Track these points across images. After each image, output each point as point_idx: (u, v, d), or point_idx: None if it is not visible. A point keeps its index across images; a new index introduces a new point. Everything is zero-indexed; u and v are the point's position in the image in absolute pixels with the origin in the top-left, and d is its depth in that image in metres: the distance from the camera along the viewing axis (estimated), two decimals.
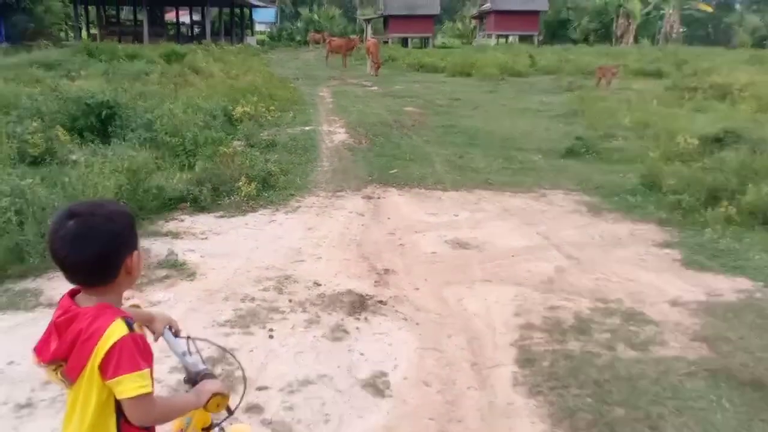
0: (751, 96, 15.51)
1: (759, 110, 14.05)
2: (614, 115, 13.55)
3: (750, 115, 13.50)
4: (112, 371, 1.60)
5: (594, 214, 7.30)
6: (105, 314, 1.64)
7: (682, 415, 3.35)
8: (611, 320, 4.53)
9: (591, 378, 3.73)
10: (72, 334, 1.63)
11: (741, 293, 5.00)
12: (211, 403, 1.82)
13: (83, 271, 1.67)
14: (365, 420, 3.32)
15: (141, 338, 1.68)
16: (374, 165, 9.58)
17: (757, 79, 18.34)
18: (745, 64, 24.89)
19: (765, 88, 16.42)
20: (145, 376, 1.63)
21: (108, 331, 1.61)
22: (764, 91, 16.08)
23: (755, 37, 47.44)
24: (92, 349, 1.60)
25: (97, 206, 1.72)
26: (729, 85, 16.85)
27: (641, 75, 23.81)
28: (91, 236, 1.64)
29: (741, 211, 6.56)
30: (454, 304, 4.84)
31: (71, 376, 1.66)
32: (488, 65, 26.14)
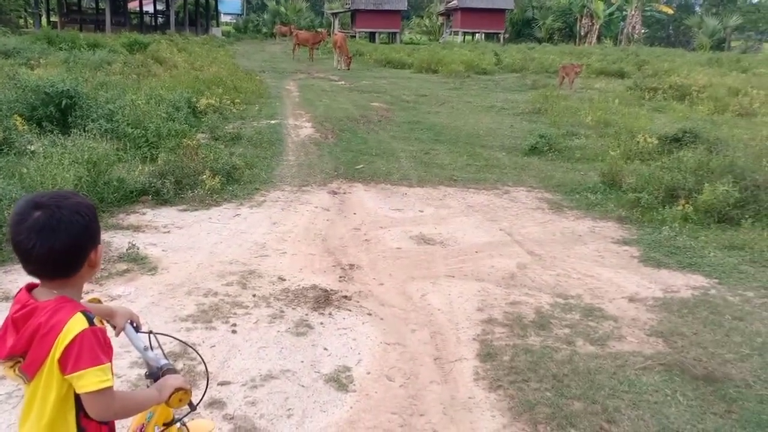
0: (708, 97, 15.92)
1: (716, 111, 14.45)
2: (576, 113, 13.76)
3: (707, 115, 13.87)
4: (72, 365, 1.57)
5: (555, 211, 7.41)
6: (65, 308, 1.62)
7: (638, 408, 3.43)
8: (571, 316, 4.62)
9: (550, 372, 3.80)
10: (30, 329, 1.60)
11: (696, 290, 5.14)
12: (173, 399, 1.81)
13: (49, 263, 1.64)
14: (328, 414, 3.33)
15: (101, 332, 1.66)
16: (340, 160, 9.57)
17: (715, 81, 18.85)
18: (704, 66, 25.53)
19: (722, 90, 16.89)
20: (106, 370, 1.61)
21: (68, 325, 1.58)
22: (721, 92, 16.54)
23: (714, 40, 48.54)
24: (52, 343, 1.58)
25: (63, 198, 1.68)
26: (688, 86, 17.26)
27: (603, 74, 24.21)
28: (60, 228, 1.61)
29: (697, 209, 6.73)
30: (418, 299, 4.88)
31: (29, 372, 1.63)
32: (454, 62, 26.27)
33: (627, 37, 49.93)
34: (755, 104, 15.00)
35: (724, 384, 3.68)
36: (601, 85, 20.49)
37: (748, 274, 5.43)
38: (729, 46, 51.09)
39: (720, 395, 3.57)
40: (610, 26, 54.11)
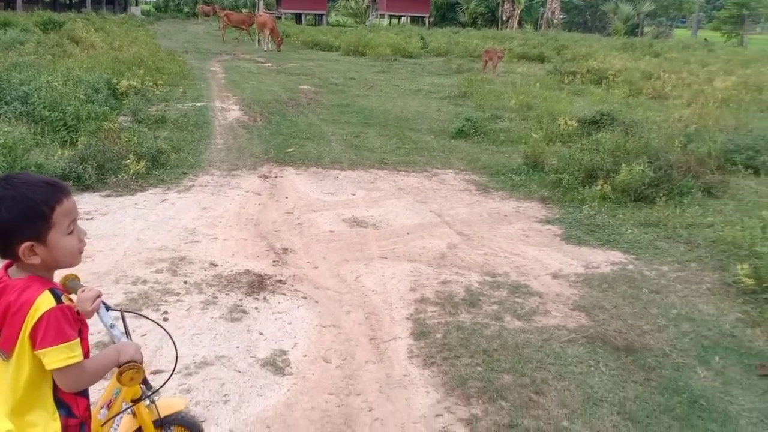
0: (623, 81, 16.54)
1: (631, 94, 15.04)
2: (500, 97, 14.03)
3: (623, 98, 14.42)
4: (40, 343, 1.62)
5: (482, 193, 7.57)
6: (32, 286, 1.66)
7: (563, 379, 3.58)
8: (499, 293, 4.75)
9: (481, 348, 3.90)
10: (2, 307, 1.65)
11: (615, 265, 5.37)
12: (124, 377, 1.82)
13: None
14: (265, 398, 3.32)
15: (69, 309, 1.69)
16: (270, 143, 9.43)
17: (630, 65, 19.59)
18: (619, 51, 26.45)
19: (636, 74, 17.57)
20: (74, 347, 1.66)
21: (36, 302, 1.63)
22: (636, 76, 17.20)
23: (628, 25, 50.32)
24: (22, 321, 1.62)
25: (15, 179, 1.69)
26: (604, 71, 17.87)
27: (525, 59, 24.74)
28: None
29: (615, 188, 7.01)
30: (352, 281, 4.90)
31: (6, 349, 1.67)
32: (381, 45, 26.24)
33: (547, 22, 51.16)
34: (667, 87, 15.70)
35: (643, 354, 3.88)
36: (523, 70, 20.95)
37: (663, 250, 5.72)
38: (642, 32, 53.17)
39: (639, 364, 3.76)
40: (530, 11, 55.29)
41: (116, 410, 2.06)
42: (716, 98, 13.56)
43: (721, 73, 18.36)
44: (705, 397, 3.41)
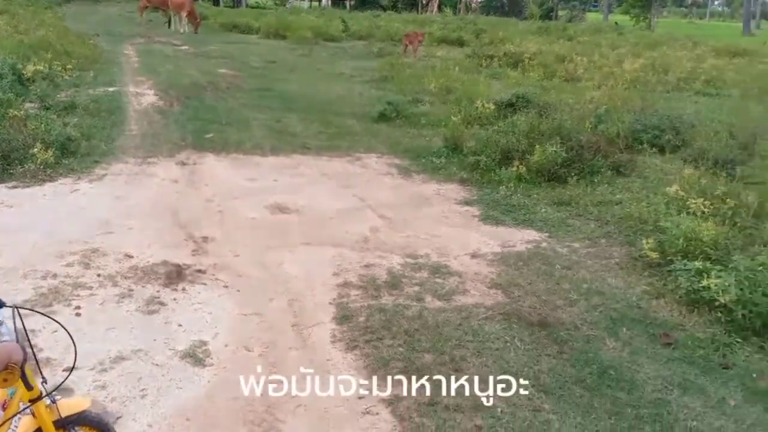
0: (538, 64, 16.93)
1: (545, 77, 15.43)
2: (421, 80, 14.10)
3: (538, 81, 14.77)
4: None
5: (404, 176, 7.62)
6: None
7: (481, 355, 3.67)
8: (420, 274, 4.81)
9: (402, 329, 3.95)
10: None
11: (530, 243, 5.53)
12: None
13: None
14: (185, 390, 3.25)
15: None
16: (188, 129, 9.15)
17: (544, 48, 20.06)
18: (534, 35, 27.05)
19: (550, 57, 18.02)
20: None
21: None
22: (550, 59, 17.64)
23: (543, 10, 51.51)
24: None
25: None
26: (520, 54, 18.21)
27: (445, 43, 24.92)
28: None
29: (530, 169, 7.19)
30: (275, 268, 4.85)
31: None
32: (302, 28, 25.82)
33: (465, 6, 51.79)
34: (579, 70, 16.17)
35: (556, 328, 4.03)
36: (442, 53, 21.11)
37: (575, 227, 5.93)
38: (557, 16, 54.60)
39: (553, 338, 3.90)
40: None
41: (13, 410, 1.97)
42: (625, 80, 14.09)
43: (630, 55, 19.06)
44: (613, 367, 3.58)
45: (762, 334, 3.86)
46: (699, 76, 15.81)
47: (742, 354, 3.76)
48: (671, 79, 15.21)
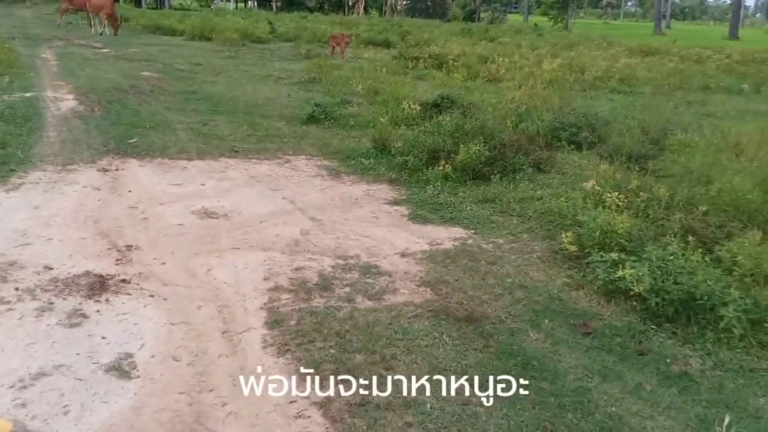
0: (462, 65, 17.24)
1: (469, 78, 15.72)
2: (349, 82, 14.11)
3: (462, 82, 15.03)
4: None
5: (334, 178, 7.61)
6: None
7: (411, 353, 3.71)
8: (351, 275, 4.81)
9: (334, 330, 3.94)
10: None
11: (457, 241, 5.63)
12: None
13: None
14: (110, 405, 3.14)
15: None
16: (110, 134, 8.83)
17: (467, 50, 20.43)
18: (458, 36, 27.53)
19: (473, 58, 18.38)
20: None
21: None
22: (473, 60, 17.99)
23: (465, 11, 52.59)
24: None
25: None
26: (445, 56, 18.51)
27: (372, 44, 25.03)
28: None
29: (455, 168, 7.31)
30: (203, 274, 4.74)
31: None
32: (228, 30, 25.37)
33: (391, 8, 52.16)
34: (501, 71, 16.54)
35: (482, 322, 4.11)
36: (369, 55, 21.20)
37: (499, 223, 6.07)
38: (479, 17, 55.74)
39: (479, 332, 3.98)
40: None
41: None
42: (544, 80, 14.51)
43: (549, 55, 19.64)
44: (537, 358, 3.69)
45: (674, 320, 4.06)
46: (613, 74, 16.48)
47: (656, 340, 3.94)
48: (587, 78, 15.79)
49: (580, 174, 7.20)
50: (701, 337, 3.88)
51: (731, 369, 3.61)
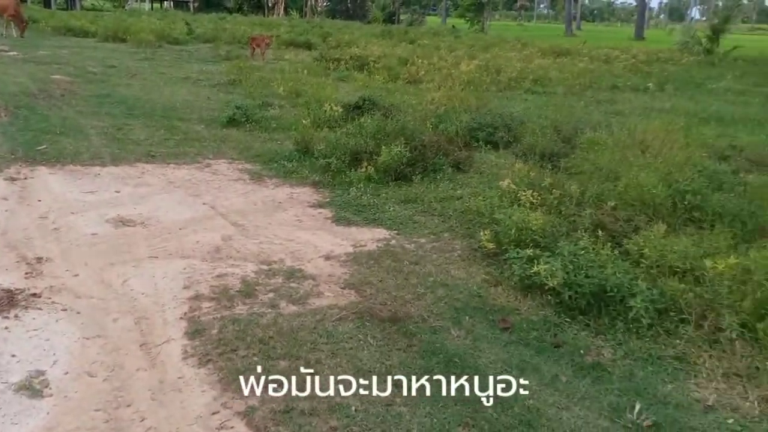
0: (383, 67, 17.34)
1: (390, 80, 15.83)
2: (270, 84, 13.93)
3: (383, 84, 15.12)
4: None
5: (256, 181, 7.48)
6: None
7: (336, 356, 3.69)
8: (274, 280, 4.75)
9: (257, 337, 3.87)
10: None
11: (380, 242, 5.65)
12: None
13: None
14: (21, 426, 2.97)
15: None
16: (18, 141, 8.36)
17: (388, 51, 20.58)
18: (378, 38, 27.70)
19: (394, 60, 18.52)
20: None
21: None
22: (393, 62, 18.12)
23: (385, 13, 52.96)
24: None
25: None
26: (366, 57, 18.57)
27: (293, 46, 24.83)
28: None
29: (378, 169, 7.34)
30: (119, 285, 4.56)
31: None
32: (144, 31, 24.56)
33: (311, 9, 51.87)
34: (421, 72, 16.75)
35: (405, 322, 4.14)
36: (290, 56, 21.01)
37: (421, 223, 6.13)
38: (399, 19, 56.25)
39: (403, 332, 4.01)
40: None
41: None
42: (462, 81, 14.80)
43: (466, 57, 20.04)
44: (458, 355, 3.75)
45: (587, 312, 4.21)
46: (528, 75, 17.00)
47: (570, 332, 4.08)
48: (503, 79, 16.21)
49: (497, 173, 7.38)
50: (612, 327, 4.05)
51: (641, 357, 3.78)
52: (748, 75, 19.97)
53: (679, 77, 18.40)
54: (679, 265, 4.43)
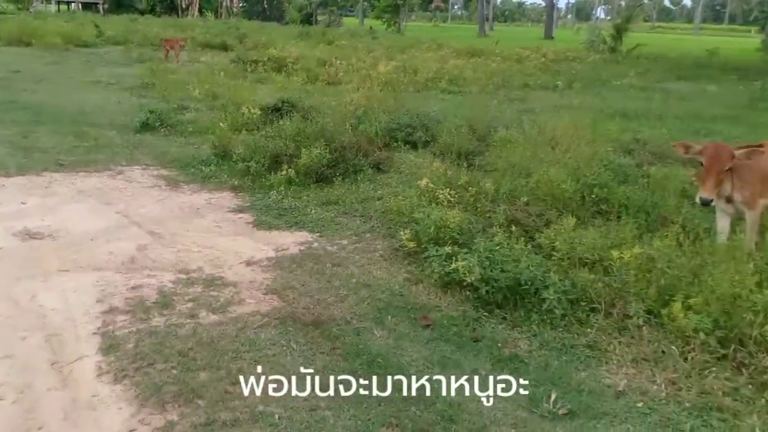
0: (301, 68, 17.22)
1: (309, 81, 15.73)
2: (185, 87, 13.57)
3: (302, 85, 15.01)
4: None
5: (173, 188, 7.25)
6: None
7: (259, 364, 3.61)
8: (193, 289, 4.61)
9: (176, 350, 3.75)
10: None
11: (302, 245, 5.59)
12: None
13: None
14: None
15: None
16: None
17: (306, 53, 20.44)
18: (296, 39, 27.46)
19: (312, 61, 18.41)
20: None
21: None
22: (312, 63, 18.02)
23: (302, 14, 52.46)
24: None
25: None
26: (284, 59, 18.37)
27: (208, 47, 24.29)
28: None
29: (299, 172, 7.26)
30: (27, 301, 4.31)
31: None
32: (50, 34, 23.41)
33: (226, 10, 50.82)
34: (340, 73, 16.74)
35: (329, 325, 4.11)
36: (207, 58, 20.52)
37: (343, 225, 6.11)
38: (316, 20, 55.93)
39: (326, 335, 3.98)
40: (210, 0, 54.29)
41: None
42: (380, 81, 14.86)
43: (384, 58, 20.17)
44: (381, 355, 3.75)
45: (503, 306, 4.31)
46: (444, 75, 17.28)
47: (489, 326, 4.16)
48: (420, 80, 16.41)
49: (416, 172, 7.43)
50: (528, 319, 4.16)
51: (555, 347, 3.90)
52: (650, 72, 21.09)
53: (586, 75, 19.18)
54: (588, 257, 4.61)
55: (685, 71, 21.61)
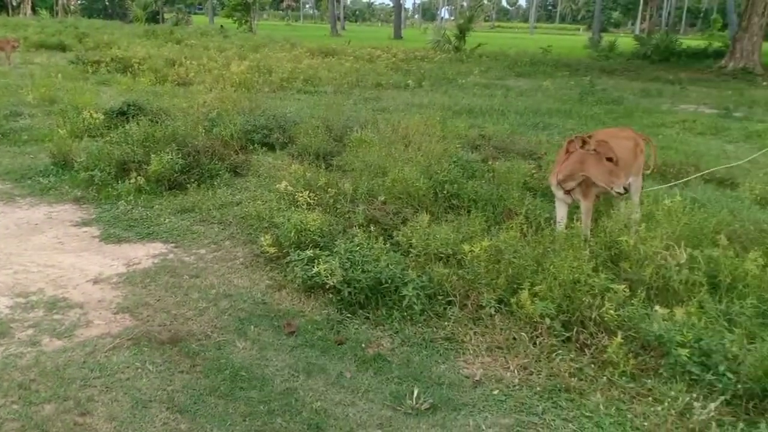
0: (149, 68, 16.28)
1: (157, 82, 14.90)
2: (18, 91, 12.34)
3: (149, 87, 14.19)
4: None
5: (7, 203, 6.56)
6: None
7: (111, 390, 3.35)
8: (34, 314, 4.18)
9: (16, 382, 3.38)
10: None
11: (156, 257, 5.26)
12: None
13: None
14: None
15: None
16: None
17: (153, 52, 19.39)
18: (142, 38, 25.98)
19: (161, 61, 17.48)
20: None
21: None
22: (160, 63, 17.10)
23: (148, 12, 49.63)
24: None
25: None
26: (129, 59, 17.29)
27: (44, 48, 22.31)
28: None
29: (149, 180, 6.83)
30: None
31: None
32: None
33: (63, 8, 46.97)
34: (191, 74, 16.02)
35: (188, 341, 3.89)
36: (42, 60, 18.83)
37: (200, 233, 5.82)
38: (163, 19, 53.24)
39: (185, 353, 3.76)
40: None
41: None
42: (234, 82, 14.44)
43: (236, 57, 19.61)
44: (245, 368, 3.61)
45: (366, 306, 4.31)
46: (298, 75, 17.11)
47: (352, 328, 4.15)
48: (275, 80, 16.13)
49: (275, 175, 7.27)
50: (389, 317, 4.20)
51: (416, 343, 3.97)
52: (491, 69, 22.31)
53: (434, 74, 19.87)
54: (443, 251, 4.75)
55: (523, 68, 23.10)
